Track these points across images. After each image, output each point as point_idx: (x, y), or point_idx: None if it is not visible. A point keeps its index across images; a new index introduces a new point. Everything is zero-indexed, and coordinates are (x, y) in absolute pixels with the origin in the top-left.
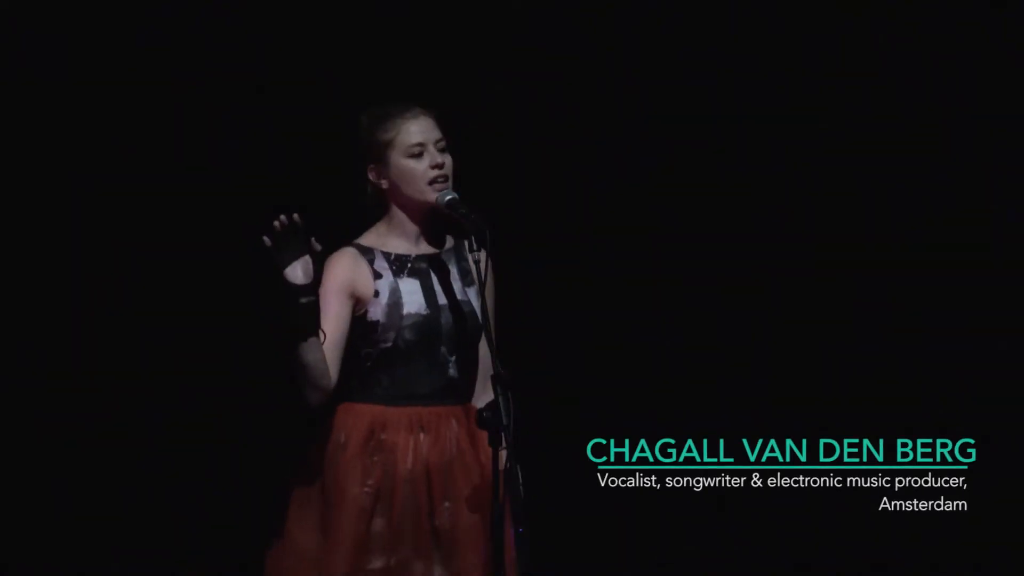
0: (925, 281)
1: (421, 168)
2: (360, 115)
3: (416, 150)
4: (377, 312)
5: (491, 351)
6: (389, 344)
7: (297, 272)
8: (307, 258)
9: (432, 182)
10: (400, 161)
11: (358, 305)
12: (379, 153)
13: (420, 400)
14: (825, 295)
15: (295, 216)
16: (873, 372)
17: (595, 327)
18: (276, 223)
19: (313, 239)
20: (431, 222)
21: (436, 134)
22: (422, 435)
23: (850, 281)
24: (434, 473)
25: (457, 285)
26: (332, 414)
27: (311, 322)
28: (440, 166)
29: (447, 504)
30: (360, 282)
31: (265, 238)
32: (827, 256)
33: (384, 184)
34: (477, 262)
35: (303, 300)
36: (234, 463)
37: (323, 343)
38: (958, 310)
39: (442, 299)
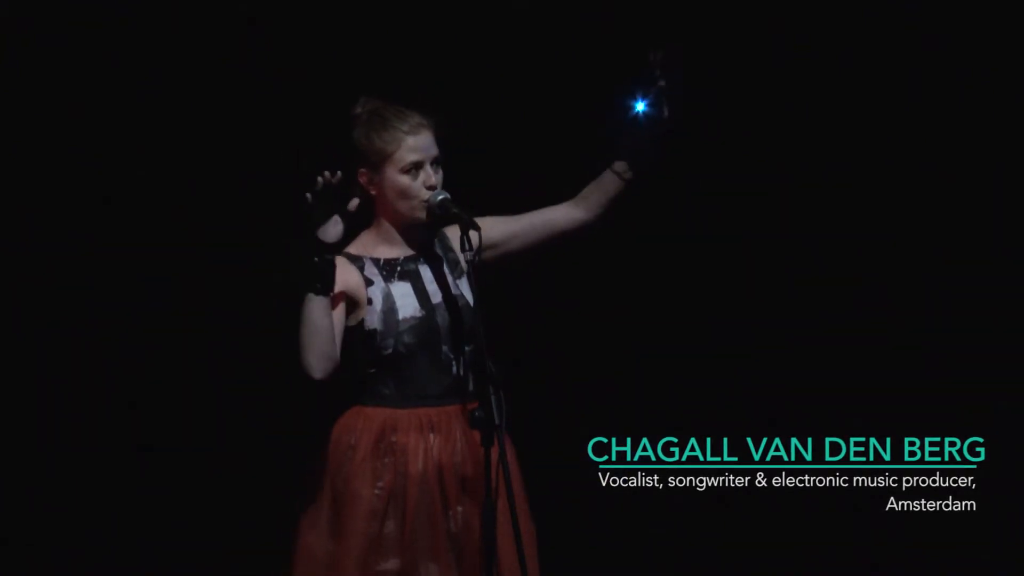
0: (931, 279)
1: (415, 186)
2: (356, 110)
3: (412, 168)
4: (373, 320)
5: (483, 350)
6: (390, 351)
7: (328, 231)
8: (337, 217)
9: (425, 201)
10: (395, 177)
11: (352, 310)
12: (373, 162)
13: (428, 400)
14: (830, 293)
15: (338, 173)
16: (880, 370)
17: (596, 325)
18: (320, 179)
19: (354, 200)
20: (417, 224)
21: (434, 151)
22: (432, 436)
23: (855, 279)
24: (447, 473)
25: (449, 280)
26: (342, 418)
27: (328, 281)
28: (434, 187)
29: (460, 508)
30: (352, 287)
31: (308, 195)
32: (831, 254)
33: (373, 191)
34: (469, 261)
35: (328, 257)
36: (247, 467)
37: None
38: (965, 308)
39: (436, 297)
